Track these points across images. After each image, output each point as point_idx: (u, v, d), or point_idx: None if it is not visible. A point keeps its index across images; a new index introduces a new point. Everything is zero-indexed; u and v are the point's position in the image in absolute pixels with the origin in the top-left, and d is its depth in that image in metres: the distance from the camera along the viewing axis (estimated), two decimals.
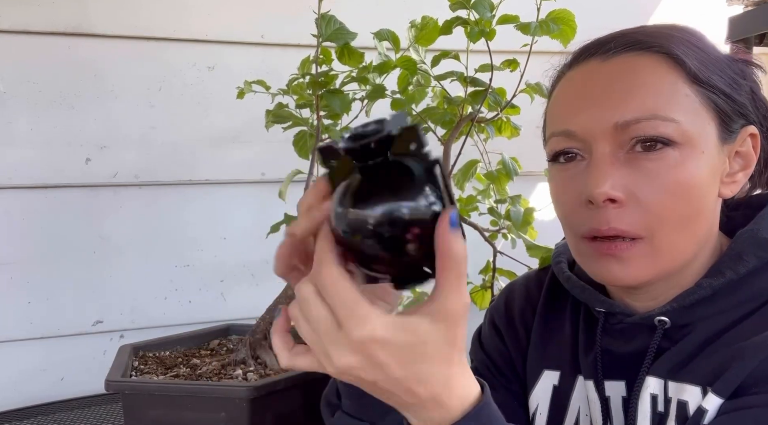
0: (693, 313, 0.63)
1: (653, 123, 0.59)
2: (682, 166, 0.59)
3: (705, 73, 0.61)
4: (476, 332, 0.85)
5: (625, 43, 0.62)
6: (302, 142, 1.10)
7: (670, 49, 0.61)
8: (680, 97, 0.60)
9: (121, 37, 1.34)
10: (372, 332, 0.45)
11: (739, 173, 0.64)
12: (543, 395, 0.73)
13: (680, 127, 0.59)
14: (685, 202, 0.59)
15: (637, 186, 0.59)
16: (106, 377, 0.85)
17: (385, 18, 1.10)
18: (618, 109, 0.60)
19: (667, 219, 0.60)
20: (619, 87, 0.61)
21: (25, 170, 1.30)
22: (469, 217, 1.18)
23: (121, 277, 1.38)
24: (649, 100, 0.59)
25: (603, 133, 0.61)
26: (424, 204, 0.45)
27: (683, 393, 0.61)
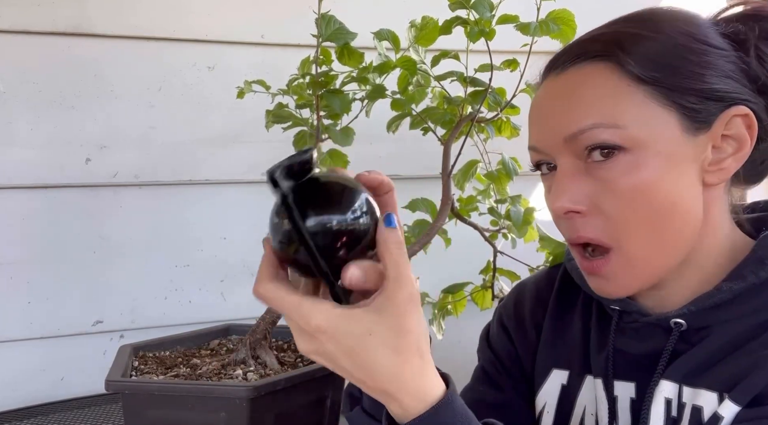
0: (711, 317, 0.62)
1: (596, 132, 0.59)
2: (636, 171, 0.59)
3: (653, 70, 0.59)
4: (484, 330, 0.85)
5: (573, 55, 0.63)
6: (302, 142, 1.10)
7: (612, 54, 0.60)
8: (625, 100, 0.59)
9: (121, 37, 1.34)
10: (317, 325, 0.49)
11: (728, 159, 0.61)
12: (551, 394, 0.73)
13: (626, 132, 0.59)
14: (646, 205, 0.59)
15: (597, 195, 0.60)
16: (106, 377, 0.85)
17: (385, 18, 1.10)
18: (564, 123, 0.61)
19: (632, 227, 0.60)
20: (566, 101, 0.62)
21: (25, 170, 1.30)
22: (469, 217, 1.18)
23: (121, 277, 1.38)
24: (592, 110, 0.60)
25: (558, 148, 0.62)
26: (351, 213, 0.50)
27: (698, 399, 0.60)
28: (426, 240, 1.04)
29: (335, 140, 1.06)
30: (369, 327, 0.48)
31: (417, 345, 0.50)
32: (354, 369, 0.50)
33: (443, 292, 1.26)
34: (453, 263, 1.30)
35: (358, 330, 0.48)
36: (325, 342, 0.49)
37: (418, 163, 1.48)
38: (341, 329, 0.48)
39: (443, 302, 1.25)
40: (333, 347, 0.49)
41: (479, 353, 0.84)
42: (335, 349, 0.49)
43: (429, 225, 1.08)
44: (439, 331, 1.21)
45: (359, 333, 0.48)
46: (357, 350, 0.49)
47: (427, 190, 1.18)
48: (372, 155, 1.49)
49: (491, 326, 0.84)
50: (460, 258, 1.25)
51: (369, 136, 1.33)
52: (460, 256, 1.25)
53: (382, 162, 1.51)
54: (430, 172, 1.24)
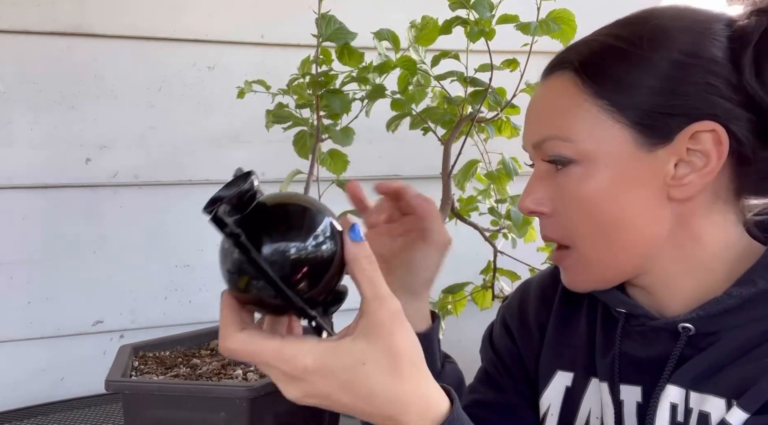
0: (720, 322, 0.61)
1: (552, 143, 0.62)
2: (584, 182, 0.61)
3: (606, 84, 0.59)
4: (487, 330, 0.84)
5: (553, 64, 0.65)
6: (302, 142, 1.10)
7: (576, 67, 0.62)
8: (580, 114, 0.61)
9: (121, 37, 1.34)
10: (305, 366, 0.46)
11: (691, 174, 0.59)
12: (555, 396, 0.72)
13: (576, 146, 0.61)
14: (594, 215, 0.61)
15: (555, 199, 0.64)
16: (106, 377, 0.85)
17: (385, 18, 1.10)
18: (531, 131, 0.65)
19: (582, 232, 0.63)
20: (536, 109, 0.66)
21: (25, 170, 1.30)
22: (469, 217, 1.18)
23: (121, 277, 1.38)
24: (551, 121, 0.63)
25: (531, 152, 0.66)
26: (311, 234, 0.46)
27: (705, 405, 0.59)
28: None
29: (335, 140, 1.06)
30: (360, 357, 0.46)
31: (412, 362, 0.48)
32: (354, 402, 0.48)
33: (443, 292, 1.26)
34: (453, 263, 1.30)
35: (350, 362, 0.46)
36: (317, 382, 0.46)
37: (418, 163, 1.48)
38: (332, 365, 0.46)
39: (443, 302, 1.25)
40: (327, 385, 0.46)
41: (482, 353, 0.83)
42: (330, 387, 0.46)
43: None
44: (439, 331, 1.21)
45: (352, 364, 0.46)
46: (353, 382, 0.46)
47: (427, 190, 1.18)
48: (372, 155, 1.49)
49: (494, 326, 0.83)
50: (460, 258, 1.25)
51: (369, 136, 1.33)
52: (460, 256, 1.25)
53: (382, 162, 1.51)
54: (430, 172, 1.24)
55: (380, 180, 1.61)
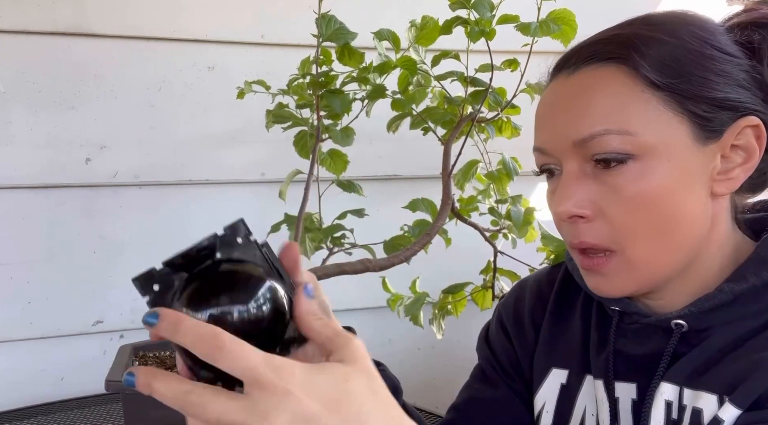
0: (712, 318, 0.61)
1: (607, 138, 0.58)
2: (644, 178, 0.58)
3: (668, 77, 0.58)
4: (483, 329, 0.84)
5: (585, 57, 0.62)
6: (302, 142, 1.10)
7: (627, 59, 0.59)
8: (638, 107, 0.58)
9: (121, 37, 1.34)
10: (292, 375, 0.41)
11: (736, 169, 0.60)
12: (550, 393, 0.72)
13: (637, 139, 0.58)
14: (652, 213, 0.59)
15: (602, 200, 0.60)
16: (107, 377, 0.85)
17: (385, 18, 1.10)
18: (573, 127, 0.60)
19: (636, 233, 0.59)
20: (576, 103, 0.61)
21: (25, 170, 1.30)
22: (469, 217, 1.18)
23: (121, 277, 1.38)
24: (603, 115, 0.59)
25: (566, 151, 0.61)
26: (254, 300, 0.45)
27: (699, 401, 0.59)
28: (426, 240, 1.04)
29: (335, 140, 1.06)
30: (344, 375, 0.43)
31: (384, 386, 0.47)
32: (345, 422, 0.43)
33: (443, 292, 1.26)
34: (453, 263, 1.30)
35: (334, 379, 0.43)
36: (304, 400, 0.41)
37: (418, 163, 1.48)
38: (319, 380, 0.42)
39: (443, 302, 1.25)
40: (315, 404, 0.41)
41: (478, 351, 0.84)
42: (319, 405, 0.41)
43: (429, 225, 1.08)
44: (439, 331, 1.21)
45: (335, 381, 0.43)
46: (341, 400, 0.42)
47: (427, 190, 1.18)
48: (372, 155, 1.49)
49: (490, 324, 0.84)
50: (461, 258, 1.25)
51: (369, 136, 1.33)
52: (461, 256, 1.25)
53: (382, 162, 1.51)
54: (430, 172, 1.24)
55: (380, 180, 1.62)
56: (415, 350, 1.61)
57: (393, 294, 1.23)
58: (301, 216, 1.05)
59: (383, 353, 1.64)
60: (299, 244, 1.05)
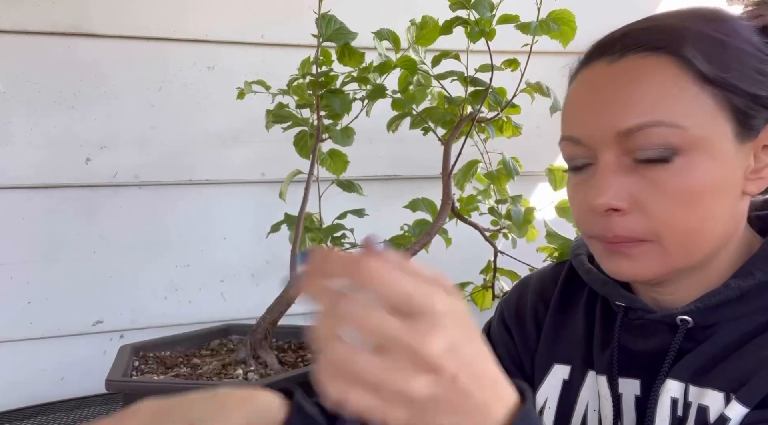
0: (718, 314, 0.61)
1: (657, 130, 0.57)
2: (689, 173, 0.57)
3: (719, 70, 0.57)
4: (485, 325, 0.85)
5: (631, 45, 0.60)
6: (302, 142, 1.10)
7: (678, 50, 0.58)
8: (688, 100, 0.57)
9: (121, 37, 1.34)
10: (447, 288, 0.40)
11: (766, 168, 0.60)
12: (552, 389, 0.72)
13: (687, 133, 0.57)
14: (693, 208, 0.58)
15: (641, 194, 0.58)
16: (107, 377, 0.85)
17: (385, 18, 1.10)
18: (620, 116, 0.58)
19: (675, 226, 0.58)
20: (623, 93, 0.58)
21: (25, 170, 1.30)
22: (469, 217, 1.18)
23: (121, 277, 1.38)
24: (654, 106, 0.57)
25: (606, 141, 0.59)
26: None
27: (704, 398, 0.59)
28: (426, 240, 1.04)
29: (335, 140, 1.06)
30: None
31: None
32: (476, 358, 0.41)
33: None
34: (453, 263, 1.30)
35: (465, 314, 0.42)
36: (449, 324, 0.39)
37: (418, 163, 1.48)
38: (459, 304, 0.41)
39: None
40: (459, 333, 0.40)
41: None
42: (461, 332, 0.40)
43: (429, 225, 1.08)
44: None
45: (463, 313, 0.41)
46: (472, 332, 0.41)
47: (427, 190, 1.18)
48: (372, 155, 1.49)
49: (492, 320, 0.84)
50: (461, 258, 1.25)
51: (369, 136, 1.33)
52: (461, 256, 1.25)
53: (382, 162, 1.51)
54: (430, 172, 1.24)
55: (380, 180, 1.62)
56: None
57: None
58: (301, 216, 1.05)
59: None
60: (299, 244, 1.05)
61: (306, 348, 1.07)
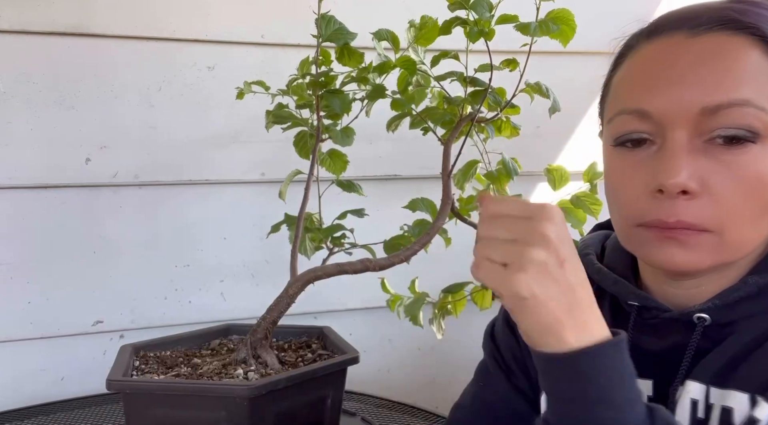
0: (736, 311, 0.60)
1: (745, 110, 0.54)
2: (764, 160, 0.55)
3: None
4: (489, 325, 0.85)
5: (716, 20, 0.57)
6: (302, 143, 1.10)
7: (765, 32, 0.56)
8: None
9: (120, 37, 1.34)
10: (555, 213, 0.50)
11: None
12: None
13: None
14: (759, 197, 0.56)
15: (713, 178, 0.55)
16: (108, 376, 0.85)
17: (385, 18, 1.10)
18: (708, 92, 0.55)
19: (741, 215, 0.56)
20: (711, 68, 0.55)
21: (25, 170, 1.31)
22: (469, 217, 1.18)
23: (121, 277, 1.38)
24: (743, 86, 0.54)
25: (685, 117, 0.56)
26: None
27: (728, 400, 0.57)
28: (426, 240, 1.04)
29: (335, 140, 1.06)
30: None
31: None
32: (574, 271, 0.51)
33: (443, 292, 1.26)
34: (453, 263, 1.30)
35: None
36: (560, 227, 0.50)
37: (418, 163, 1.48)
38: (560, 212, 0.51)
39: (443, 302, 1.25)
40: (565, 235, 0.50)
41: (484, 348, 0.84)
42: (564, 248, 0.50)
43: (429, 225, 1.08)
44: (438, 331, 1.21)
45: None
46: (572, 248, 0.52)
47: (427, 190, 1.18)
48: (372, 155, 1.49)
49: (497, 321, 0.84)
50: (460, 258, 1.25)
51: (369, 136, 1.33)
52: (460, 256, 1.25)
53: (382, 162, 1.51)
54: (430, 172, 1.24)
55: (380, 180, 1.62)
56: (415, 350, 1.61)
57: (392, 295, 1.23)
58: (301, 217, 1.06)
59: (383, 353, 1.65)
60: (299, 244, 1.06)
61: (306, 348, 1.08)
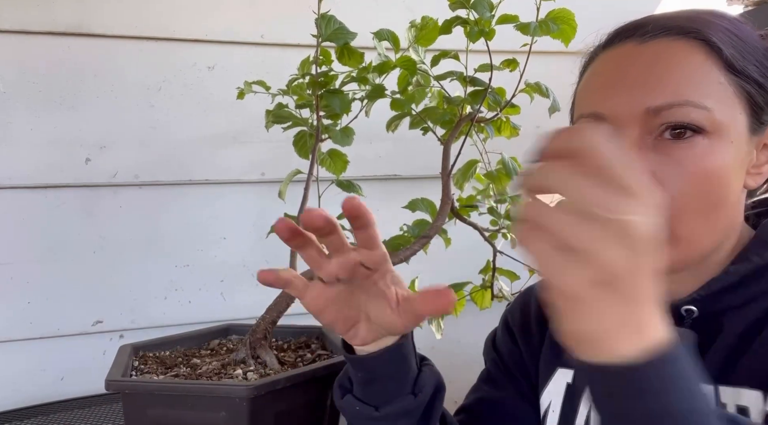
0: (721, 301, 0.62)
1: (685, 109, 0.58)
2: (711, 155, 0.58)
3: (740, 62, 0.59)
4: (491, 334, 0.86)
5: (662, 27, 0.62)
6: (302, 142, 1.10)
7: (707, 36, 0.60)
8: (714, 84, 0.59)
9: (121, 37, 1.34)
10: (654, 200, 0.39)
11: (766, 165, 0.62)
12: (556, 393, 0.73)
13: (711, 115, 0.58)
14: (708, 191, 0.59)
15: (662, 173, 0.58)
16: (107, 376, 0.85)
17: (385, 18, 1.10)
18: (651, 93, 0.59)
19: (689, 208, 0.59)
20: (654, 71, 0.60)
21: (25, 170, 1.31)
22: (468, 217, 1.18)
23: (121, 277, 1.38)
24: (682, 86, 0.59)
25: (633, 117, 0.60)
26: None
27: (741, 399, 0.58)
28: (426, 240, 1.04)
29: (335, 140, 1.06)
30: None
31: None
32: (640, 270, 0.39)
33: None
34: (453, 263, 1.31)
35: None
36: (653, 221, 0.39)
37: (418, 163, 1.48)
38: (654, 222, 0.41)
39: None
40: (655, 237, 0.39)
41: (485, 355, 0.85)
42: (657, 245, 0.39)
43: (429, 225, 1.08)
44: (438, 331, 1.21)
45: None
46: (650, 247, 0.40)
47: (427, 190, 1.18)
48: (372, 155, 1.49)
49: (497, 330, 0.85)
50: (460, 257, 1.26)
51: (369, 136, 1.33)
52: (460, 256, 1.25)
53: (382, 162, 1.51)
54: (430, 172, 1.24)
55: (380, 180, 1.62)
56: None
57: None
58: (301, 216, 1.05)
59: None
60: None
61: (305, 348, 1.08)
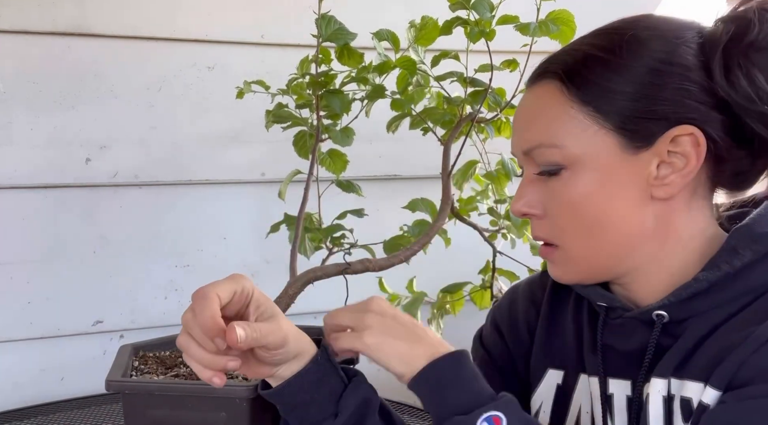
0: (690, 307, 0.64)
1: (539, 150, 0.65)
2: (572, 185, 0.64)
3: (595, 92, 0.62)
4: (478, 332, 0.86)
5: (538, 71, 0.68)
6: (302, 142, 1.10)
7: (561, 74, 0.64)
8: (566, 120, 0.64)
9: (121, 37, 1.34)
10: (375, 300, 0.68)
11: (672, 175, 0.62)
12: (546, 394, 0.73)
13: (565, 151, 0.64)
14: (580, 216, 0.65)
15: (546, 203, 0.67)
16: (107, 377, 0.85)
17: (385, 18, 1.10)
18: (520, 139, 0.68)
19: (568, 231, 0.66)
20: (523, 117, 0.69)
21: (25, 170, 1.31)
22: (468, 217, 1.19)
23: (121, 277, 1.38)
24: (538, 129, 0.66)
25: (521, 158, 0.69)
26: None
27: (685, 390, 0.61)
28: (426, 240, 1.04)
29: (335, 140, 1.06)
30: None
31: None
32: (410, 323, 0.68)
33: (442, 292, 1.26)
34: (453, 263, 1.31)
35: None
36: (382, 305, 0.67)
37: (418, 163, 1.48)
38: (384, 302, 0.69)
39: (442, 302, 1.26)
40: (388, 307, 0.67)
41: (472, 353, 0.85)
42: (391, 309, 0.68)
43: (429, 225, 1.08)
44: (437, 330, 1.21)
45: None
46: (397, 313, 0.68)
47: (427, 190, 1.18)
48: (372, 155, 1.49)
49: (484, 327, 0.85)
50: (460, 258, 1.26)
51: (369, 136, 1.33)
52: (460, 256, 1.25)
53: (382, 162, 1.52)
54: (430, 172, 1.24)
55: (380, 180, 1.63)
56: None
57: (390, 294, 1.23)
58: (300, 217, 1.06)
59: None
60: (299, 244, 1.06)
61: None
